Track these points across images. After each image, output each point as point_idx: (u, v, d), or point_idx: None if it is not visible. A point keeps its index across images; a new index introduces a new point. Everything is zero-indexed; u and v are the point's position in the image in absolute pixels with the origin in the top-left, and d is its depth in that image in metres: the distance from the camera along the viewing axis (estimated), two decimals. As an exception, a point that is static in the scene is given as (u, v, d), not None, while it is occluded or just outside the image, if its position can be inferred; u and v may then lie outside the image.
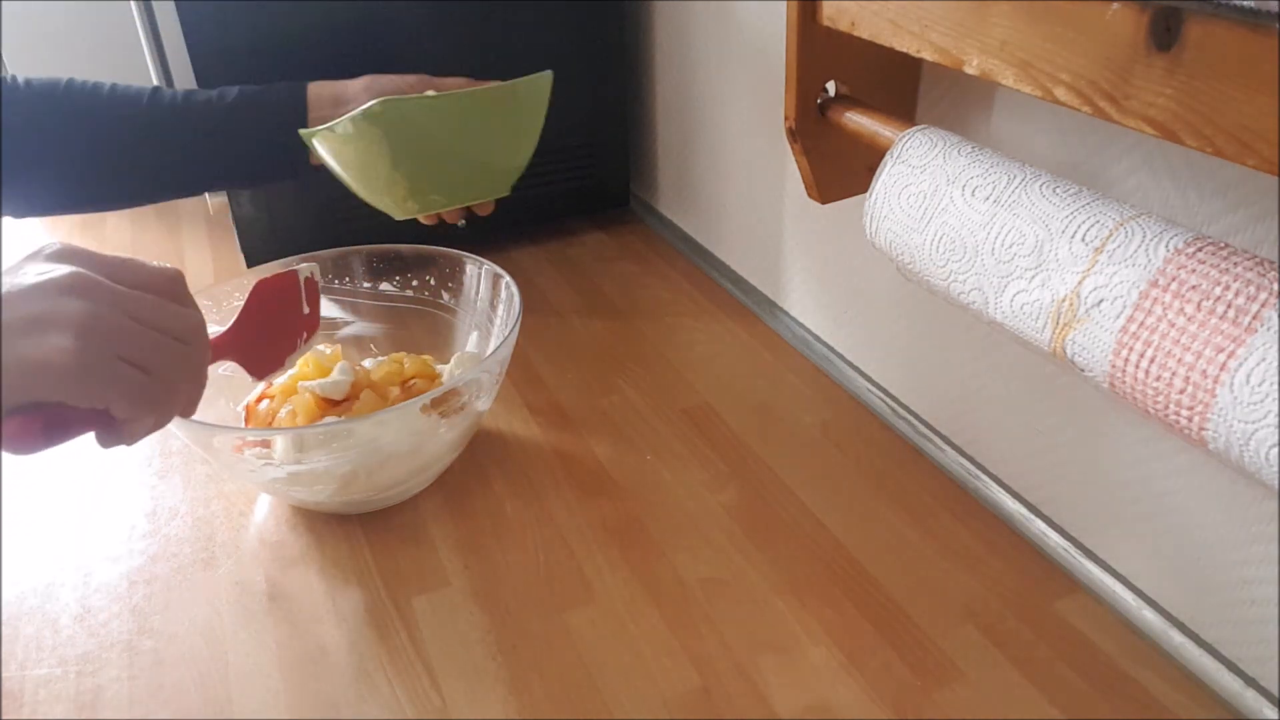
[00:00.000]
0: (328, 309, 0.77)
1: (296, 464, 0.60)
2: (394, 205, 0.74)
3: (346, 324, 0.77)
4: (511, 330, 0.65)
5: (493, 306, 0.73)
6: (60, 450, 0.72)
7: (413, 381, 0.68)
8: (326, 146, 0.71)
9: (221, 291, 0.72)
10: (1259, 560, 0.49)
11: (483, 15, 0.89)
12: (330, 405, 0.65)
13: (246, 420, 0.68)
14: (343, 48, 0.85)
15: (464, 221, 0.97)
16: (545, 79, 0.73)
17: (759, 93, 0.82)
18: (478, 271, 0.74)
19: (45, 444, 0.44)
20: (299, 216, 0.90)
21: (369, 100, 0.69)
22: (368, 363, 0.71)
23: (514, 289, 0.69)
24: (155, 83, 0.86)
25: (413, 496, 0.66)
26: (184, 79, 0.84)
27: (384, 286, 0.76)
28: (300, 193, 0.89)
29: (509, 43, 0.91)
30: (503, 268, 0.72)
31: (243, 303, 0.60)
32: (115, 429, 0.46)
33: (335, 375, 0.66)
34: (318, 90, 0.74)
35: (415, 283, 0.76)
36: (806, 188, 0.62)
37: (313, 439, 0.60)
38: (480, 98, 0.71)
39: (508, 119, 0.73)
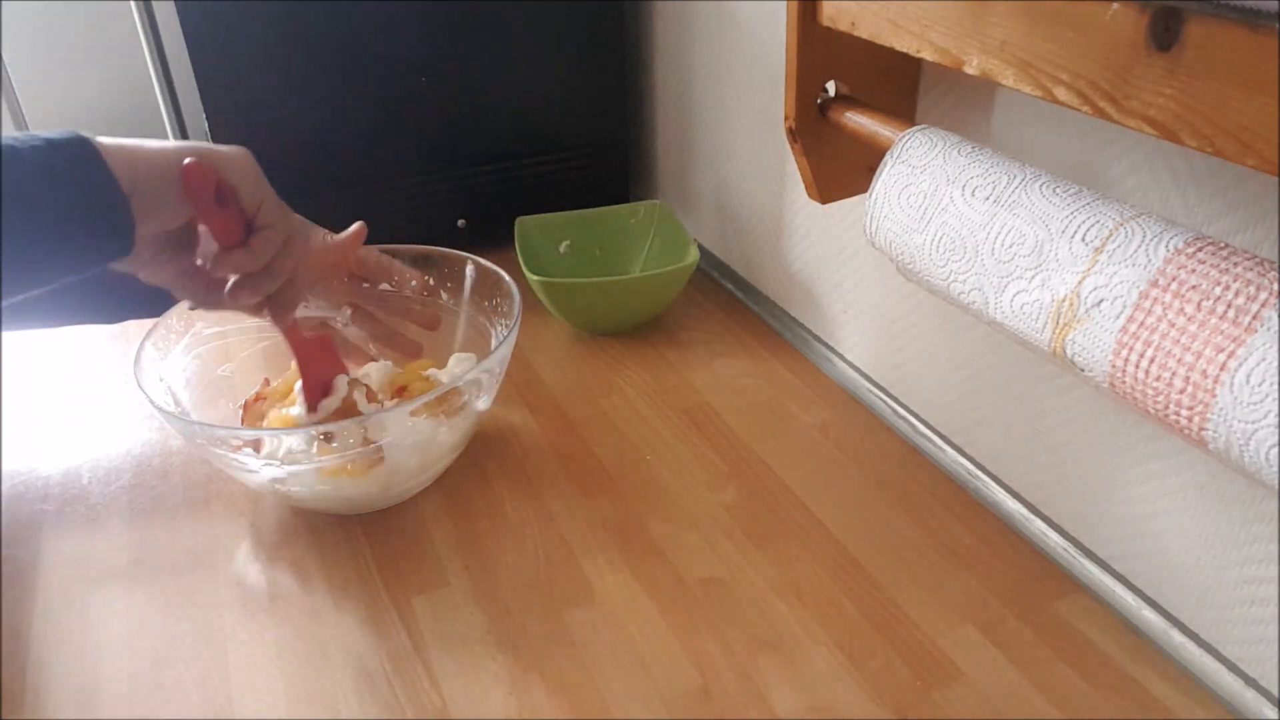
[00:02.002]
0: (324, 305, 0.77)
1: (296, 464, 0.60)
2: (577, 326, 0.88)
3: (345, 325, 0.76)
4: (511, 330, 0.65)
5: (492, 306, 0.73)
6: (60, 450, 0.72)
7: (408, 388, 0.68)
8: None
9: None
10: (1259, 560, 0.49)
11: (483, 15, 0.89)
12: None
13: (243, 415, 0.68)
14: (343, 48, 0.85)
15: (463, 221, 0.98)
16: (687, 268, 0.83)
17: (759, 93, 0.82)
18: (477, 271, 0.74)
19: (210, 193, 0.55)
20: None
21: None
22: (369, 371, 0.71)
23: (514, 289, 0.69)
24: (155, 84, 0.86)
25: (413, 496, 0.66)
26: (184, 79, 0.84)
27: (383, 286, 0.76)
28: (295, 191, 0.89)
29: (509, 42, 0.91)
30: (502, 268, 0.72)
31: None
32: (236, 251, 0.57)
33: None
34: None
35: (414, 283, 0.76)
36: (806, 188, 0.62)
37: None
38: (620, 285, 0.85)
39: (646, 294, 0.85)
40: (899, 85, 0.62)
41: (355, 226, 0.69)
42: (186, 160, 0.54)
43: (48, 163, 0.49)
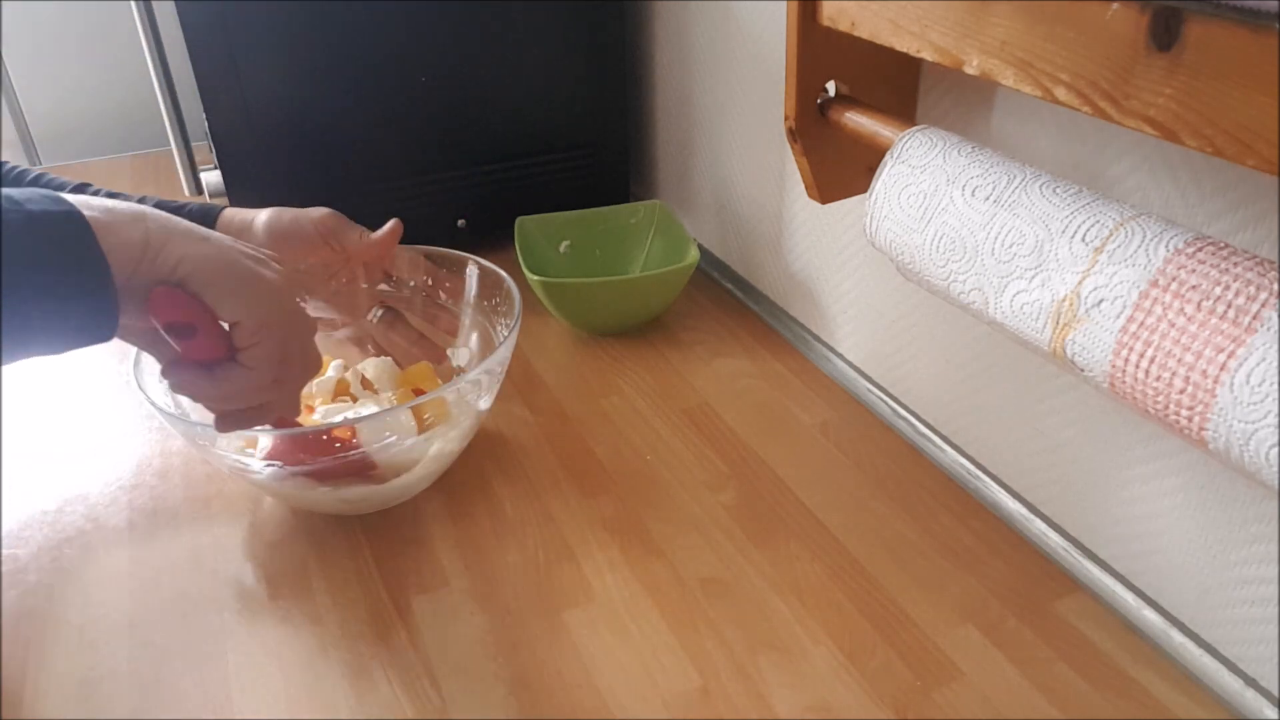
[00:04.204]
0: (324, 308, 0.77)
1: (298, 463, 0.60)
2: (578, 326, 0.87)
3: (344, 324, 0.77)
4: (512, 330, 0.65)
5: (493, 306, 0.73)
6: (60, 450, 0.72)
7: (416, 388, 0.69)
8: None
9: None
10: (1259, 560, 0.49)
11: (483, 15, 0.89)
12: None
13: None
14: (343, 48, 0.85)
15: (463, 221, 0.98)
16: (687, 268, 0.83)
17: (759, 93, 0.82)
18: (477, 271, 0.74)
19: (183, 315, 0.47)
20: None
21: (264, 235, 0.65)
22: (366, 366, 0.71)
23: (514, 289, 0.69)
24: (155, 84, 0.86)
25: (413, 497, 0.66)
26: (184, 79, 0.84)
27: (381, 286, 0.76)
28: (296, 191, 0.89)
29: (509, 42, 0.91)
30: (503, 268, 0.72)
31: None
32: (217, 368, 0.49)
33: (330, 371, 0.66)
34: (229, 217, 0.68)
35: (413, 283, 0.76)
36: (806, 188, 0.62)
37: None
38: (621, 285, 0.84)
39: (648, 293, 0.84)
40: (899, 85, 0.62)
41: (391, 223, 0.69)
42: (156, 289, 0.46)
43: (34, 239, 0.42)
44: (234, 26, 0.81)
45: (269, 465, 0.59)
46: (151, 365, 0.64)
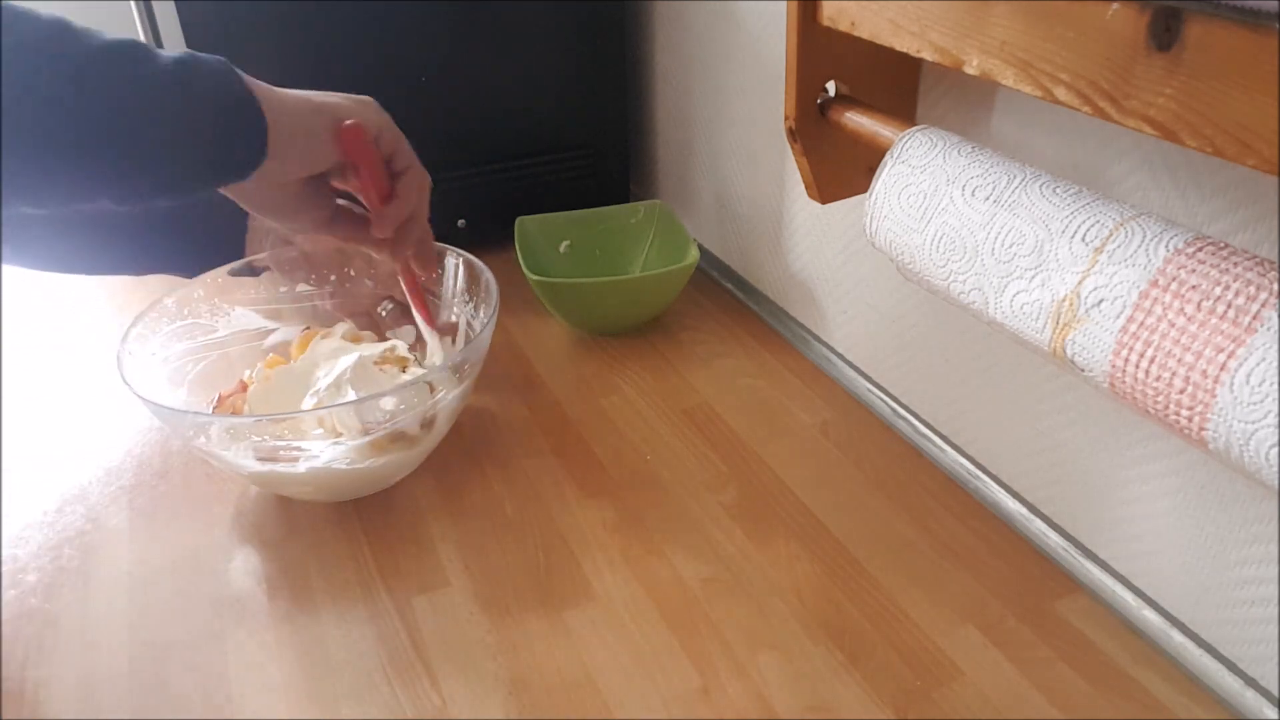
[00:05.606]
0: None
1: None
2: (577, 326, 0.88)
3: (385, 316, 0.76)
4: (489, 321, 0.65)
5: (471, 297, 0.73)
6: (60, 450, 0.72)
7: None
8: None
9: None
10: (1259, 560, 0.49)
11: (483, 15, 0.89)
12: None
13: (216, 408, 0.68)
14: (343, 48, 0.85)
15: (463, 221, 0.98)
16: (687, 268, 0.83)
17: (759, 93, 0.82)
18: (456, 263, 0.74)
19: (371, 154, 0.59)
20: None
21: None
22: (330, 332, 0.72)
23: (492, 281, 0.69)
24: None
25: (412, 497, 0.66)
26: (184, 79, 0.84)
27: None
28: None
29: (509, 43, 0.91)
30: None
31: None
32: (390, 205, 0.60)
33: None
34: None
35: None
36: (806, 188, 0.62)
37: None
38: (623, 285, 0.85)
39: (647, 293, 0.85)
40: (899, 85, 0.62)
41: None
42: (348, 122, 0.56)
43: (183, 68, 0.50)
44: (234, 26, 0.81)
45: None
46: (143, 366, 0.64)
